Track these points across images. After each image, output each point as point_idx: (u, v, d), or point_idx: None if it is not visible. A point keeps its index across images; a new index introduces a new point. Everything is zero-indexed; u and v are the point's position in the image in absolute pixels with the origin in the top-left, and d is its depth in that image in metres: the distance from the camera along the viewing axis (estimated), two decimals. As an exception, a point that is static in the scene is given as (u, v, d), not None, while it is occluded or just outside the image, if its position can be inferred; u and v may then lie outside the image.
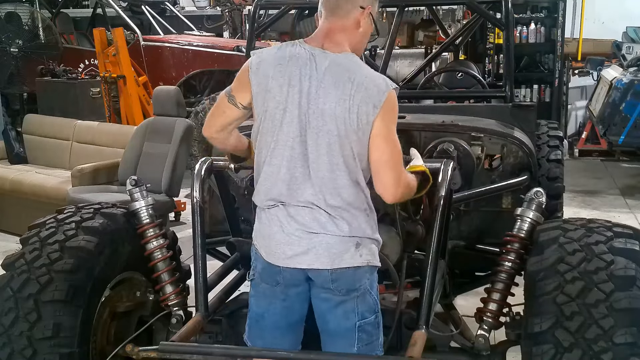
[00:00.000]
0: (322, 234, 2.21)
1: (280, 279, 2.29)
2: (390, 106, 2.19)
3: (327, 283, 2.24)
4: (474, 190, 3.15)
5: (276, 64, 2.23)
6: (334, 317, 2.30)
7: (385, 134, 2.19)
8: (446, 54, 7.14)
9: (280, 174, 2.24)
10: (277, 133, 2.23)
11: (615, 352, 2.05)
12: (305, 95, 2.19)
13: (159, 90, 5.86)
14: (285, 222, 2.24)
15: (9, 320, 2.41)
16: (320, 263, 2.21)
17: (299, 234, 2.22)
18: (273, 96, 2.22)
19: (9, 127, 7.26)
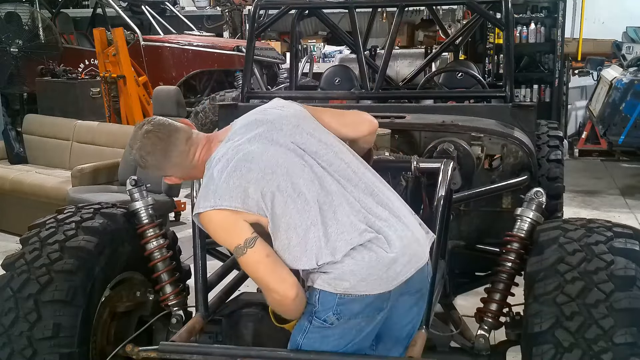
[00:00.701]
0: (411, 231, 2.20)
1: (386, 305, 2.17)
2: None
3: (426, 277, 2.27)
4: (474, 190, 3.15)
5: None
6: (403, 323, 2.31)
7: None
8: (446, 54, 7.14)
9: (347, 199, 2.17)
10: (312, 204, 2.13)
11: (615, 352, 2.05)
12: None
13: (159, 90, 5.87)
14: (384, 242, 2.12)
15: (9, 320, 2.41)
16: (423, 258, 2.22)
17: (400, 245, 2.14)
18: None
19: (9, 127, 7.26)
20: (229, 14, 11.39)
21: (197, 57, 8.74)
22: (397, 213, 2.20)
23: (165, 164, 2.31)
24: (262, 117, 2.32)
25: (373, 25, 5.99)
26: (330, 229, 2.10)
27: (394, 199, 2.27)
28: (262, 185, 2.10)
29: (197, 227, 2.66)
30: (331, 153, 2.23)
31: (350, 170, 2.23)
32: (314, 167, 2.17)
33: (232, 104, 3.92)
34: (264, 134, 2.23)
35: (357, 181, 2.21)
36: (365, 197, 2.19)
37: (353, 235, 2.09)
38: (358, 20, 4.33)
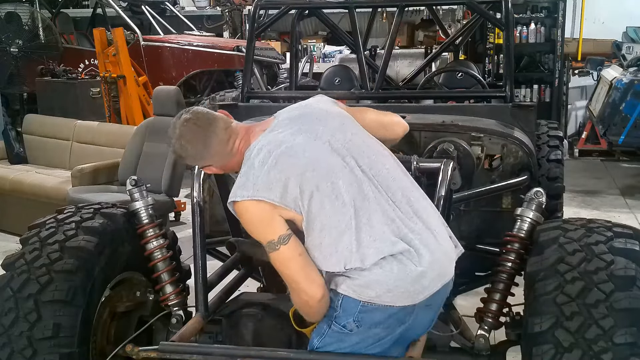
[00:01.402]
0: (442, 245, 2.18)
1: (409, 319, 2.15)
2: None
3: (441, 297, 2.21)
4: (474, 190, 3.15)
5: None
6: (423, 330, 2.31)
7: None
8: (446, 54, 7.14)
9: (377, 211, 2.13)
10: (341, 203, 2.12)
11: (615, 352, 2.05)
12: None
13: (159, 90, 5.86)
14: (415, 255, 2.09)
15: (9, 320, 2.40)
16: (449, 273, 2.20)
17: (430, 259, 2.11)
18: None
19: (9, 127, 7.26)
20: (229, 14, 11.39)
21: (197, 57, 8.74)
22: (430, 225, 2.17)
23: (205, 153, 2.29)
24: (308, 112, 2.30)
25: (373, 25, 6.00)
26: (363, 235, 2.07)
27: (429, 209, 2.24)
28: (302, 181, 2.08)
29: (197, 227, 2.68)
30: (373, 156, 2.21)
31: (390, 177, 2.20)
32: (354, 169, 2.15)
33: (232, 104, 3.92)
34: (308, 129, 2.21)
35: (395, 189, 2.18)
36: (401, 206, 2.15)
37: (385, 244, 2.07)
38: (358, 20, 4.33)
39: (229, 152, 2.28)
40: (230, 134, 2.28)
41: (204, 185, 2.80)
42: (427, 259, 2.10)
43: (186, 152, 2.30)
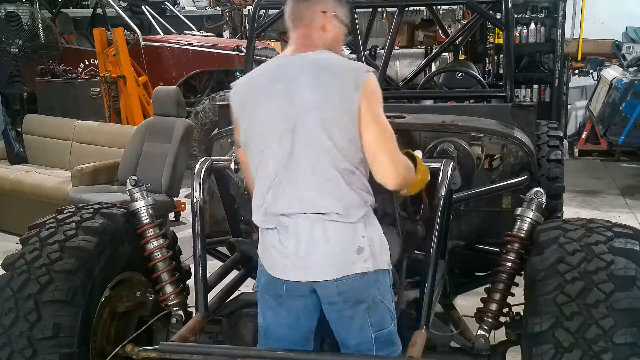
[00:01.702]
0: (320, 243, 2.16)
1: (283, 292, 2.25)
2: (372, 88, 2.17)
3: (332, 296, 2.19)
4: (474, 190, 3.15)
5: (246, 88, 2.30)
6: (347, 334, 2.28)
7: (372, 115, 2.15)
8: (446, 54, 7.14)
9: (266, 184, 2.21)
10: (263, 145, 2.22)
11: (615, 352, 2.05)
12: (283, 97, 2.18)
13: (159, 90, 5.86)
14: (283, 234, 2.20)
15: (9, 320, 2.41)
16: (323, 274, 2.16)
17: (297, 245, 2.17)
18: (248, 114, 2.27)
19: (9, 127, 7.26)
20: (229, 14, 11.38)
21: (197, 57, 8.74)
22: (321, 216, 2.16)
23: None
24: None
25: (373, 25, 5.99)
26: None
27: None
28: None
29: (197, 227, 2.67)
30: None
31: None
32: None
33: (232, 104, 3.91)
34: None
35: (302, 165, 2.18)
36: (293, 185, 2.19)
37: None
38: (358, 20, 4.33)
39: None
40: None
41: (204, 185, 2.80)
42: (287, 243, 2.19)
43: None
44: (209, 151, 3.47)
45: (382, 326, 2.26)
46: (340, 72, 2.17)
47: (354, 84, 2.14)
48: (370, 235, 2.20)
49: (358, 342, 2.27)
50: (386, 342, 2.29)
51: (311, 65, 2.20)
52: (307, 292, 2.24)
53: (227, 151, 3.25)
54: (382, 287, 2.24)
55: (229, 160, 2.84)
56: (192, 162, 6.06)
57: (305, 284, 2.21)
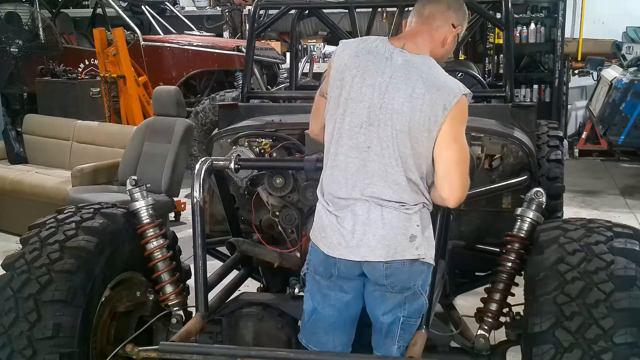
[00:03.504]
0: (375, 226, 2.23)
1: (335, 271, 2.31)
2: (460, 110, 2.24)
3: (381, 278, 2.25)
4: (474, 190, 3.14)
5: (354, 54, 2.30)
6: (380, 313, 2.33)
7: (454, 136, 2.22)
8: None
9: (338, 164, 2.29)
10: (340, 122, 2.28)
11: (615, 352, 2.05)
12: (377, 90, 2.23)
13: (159, 90, 5.86)
14: (341, 215, 2.27)
15: (9, 320, 2.41)
16: (375, 255, 2.23)
17: (353, 226, 2.24)
18: (343, 85, 2.28)
19: (9, 127, 7.26)
20: (229, 14, 11.37)
21: (197, 57, 8.74)
22: (380, 203, 2.24)
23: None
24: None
25: (373, 25, 5.99)
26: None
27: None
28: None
29: (197, 227, 2.67)
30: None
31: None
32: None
33: (232, 104, 3.91)
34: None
35: (373, 157, 2.25)
36: (360, 171, 2.26)
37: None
38: (358, 20, 4.33)
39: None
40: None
41: (204, 185, 2.80)
42: (345, 223, 2.25)
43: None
44: (209, 151, 3.46)
45: (413, 315, 2.32)
46: (436, 87, 2.21)
47: (444, 104, 2.19)
48: (424, 227, 2.28)
49: (388, 321, 2.32)
50: (408, 331, 2.33)
51: (413, 70, 2.23)
52: (357, 275, 2.30)
53: (227, 151, 3.24)
54: (425, 279, 2.32)
55: (229, 160, 2.84)
56: (192, 162, 6.07)
57: (357, 265, 2.26)
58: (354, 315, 2.41)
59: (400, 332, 2.31)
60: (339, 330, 2.41)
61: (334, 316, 2.38)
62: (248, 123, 3.49)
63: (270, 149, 3.12)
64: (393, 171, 2.23)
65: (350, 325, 2.43)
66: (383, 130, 2.22)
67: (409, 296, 2.29)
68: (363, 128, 2.24)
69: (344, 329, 2.42)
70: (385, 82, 2.22)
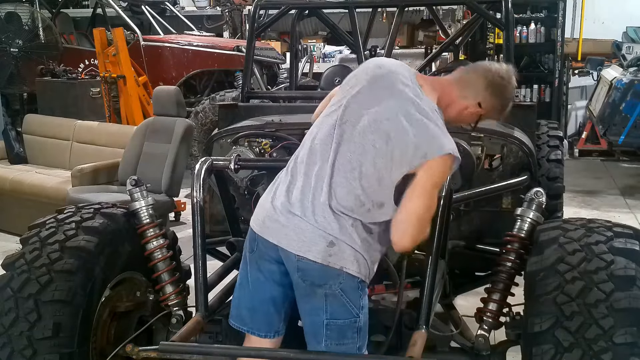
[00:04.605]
0: (298, 216, 2.22)
1: (255, 247, 2.33)
2: (440, 166, 2.20)
3: (293, 269, 2.25)
4: (474, 190, 3.15)
5: (380, 70, 2.36)
6: (304, 311, 2.31)
7: (426, 190, 2.19)
8: (446, 54, 7.14)
9: (310, 144, 2.31)
10: (338, 112, 2.31)
11: (615, 352, 2.05)
12: (378, 104, 2.27)
13: (159, 90, 5.86)
14: (278, 194, 2.29)
15: (9, 320, 2.41)
16: (289, 244, 2.22)
17: (282, 209, 2.25)
18: (358, 83, 2.34)
19: (9, 127, 7.26)
20: (229, 14, 11.38)
21: (197, 57, 8.74)
22: (318, 200, 2.23)
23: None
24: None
25: (373, 25, 5.99)
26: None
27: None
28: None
29: (197, 227, 2.67)
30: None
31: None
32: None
33: (232, 104, 3.92)
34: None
35: (341, 158, 2.26)
36: (324, 160, 2.26)
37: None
38: (358, 20, 4.33)
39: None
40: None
41: (204, 185, 2.80)
42: (277, 203, 2.27)
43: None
44: (209, 151, 3.47)
45: (337, 317, 2.26)
46: (429, 135, 2.21)
47: (426, 152, 2.18)
48: (354, 242, 2.22)
49: (310, 321, 2.30)
50: (338, 332, 2.27)
51: (418, 108, 2.25)
52: (274, 259, 2.29)
53: (227, 151, 3.25)
54: (345, 286, 2.24)
55: (229, 160, 2.84)
56: (192, 162, 6.07)
57: (273, 247, 2.26)
58: (269, 297, 2.36)
59: (326, 332, 2.27)
60: (257, 312, 2.37)
61: (252, 292, 2.37)
62: (248, 123, 3.50)
63: (270, 149, 3.12)
64: (352, 179, 2.22)
65: (266, 311, 2.38)
66: (363, 138, 2.23)
67: (327, 296, 2.23)
68: (347, 125, 2.27)
69: (261, 311, 2.37)
70: (386, 100, 2.26)
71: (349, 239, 2.21)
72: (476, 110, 2.40)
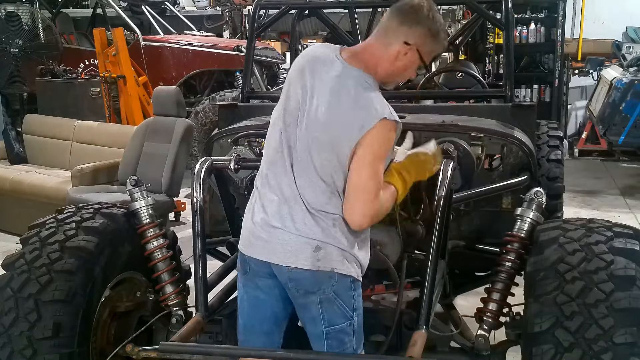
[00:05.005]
0: (279, 229, 2.21)
1: (248, 268, 2.32)
2: (379, 134, 2.13)
3: (285, 281, 2.24)
4: (474, 190, 3.15)
5: (303, 56, 2.33)
6: (304, 318, 2.31)
7: (368, 161, 2.14)
8: (446, 54, 7.14)
9: (269, 157, 2.31)
10: (277, 118, 2.30)
11: (615, 352, 2.05)
12: (307, 93, 2.23)
13: (159, 90, 5.86)
14: (256, 211, 2.29)
15: (9, 320, 2.41)
16: (277, 258, 2.21)
17: (263, 225, 2.25)
18: (289, 83, 2.31)
19: (9, 127, 7.26)
20: (229, 14, 11.37)
21: (197, 57, 8.74)
22: (292, 205, 2.21)
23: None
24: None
25: (373, 25, 5.99)
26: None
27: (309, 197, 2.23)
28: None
29: (197, 227, 2.67)
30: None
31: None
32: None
33: (232, 104, 3.91)
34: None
35: (297, 158, 2.24)
36: (283, 167, 2.25)
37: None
38: (358, 20, 4.33)
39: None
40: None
41: (204, 185, 2.80)
42: (257, 219, 2.26)
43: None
44: (209, 151, 3.47)
45: (334, 323, 2.25)
46: (359, 106, 2.15)
47: (360, 125, 2.13)
48: (338, 240, 2.20)
49: (310, 333, 2.31)
50: (337, 339, 2.27)
51: (342, 81, 2.20)
52: (269, 274, 2.27)
53: (227, 151, 3.24)
54: (338, 287, 2.23)
55: (229, 160, 2.84)
56: (192, 162, 6.08)
57: (265, 264, 2.25)
58: (272, 314, 2.35)
59: (327, 342, 2.26)
60: (259, 329, 2.36)
61: (252, 312, 2.35)
62: (248, 123, 3.49)
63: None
64: (314, 177, 2.20)
65: (270, 325, 2.37)
66: (305, 133, 2.21)
67: (322, 302, 2.22)
68: (291, 127, 2.24)
69: (264, 327, 2.36)
70: (317, 88, 2.21)
71: (334, 240, 2.20)
72: (408, 50, 2.22)
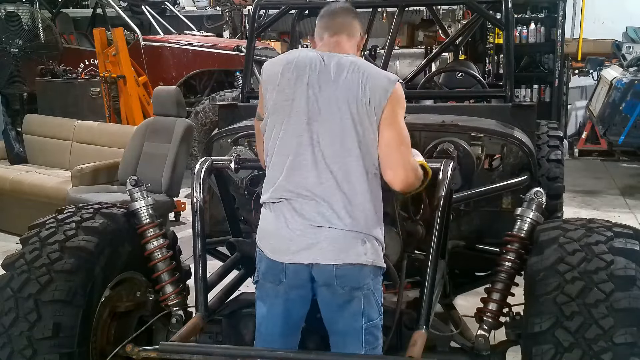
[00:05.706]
0: (326, 227, 2.23)
1: (283, 277, 2.28)
2: (398, 96, 2.28)
3: (331, 279, 2.24)
4: (474, 190, 3.15)
5: (285, 63, 2.33)
6: (341, 318, 2.30)
7: (394, 119, 2.26)
8: (446, 54, 7.13)
9: (287, 163, 2.28)
10: (285, 123, 2.29)
11: (615, 352, 2.05)
12: (312, 87, 2.26)
13: (159, 90, 5.86)
14: (290, 217, 2.27)
15: (9, 320, 2.41)
16: (324, 257, 2.22)
17: (303, 229, 2.24)
18: (282, 89, 2.30)
19: (9, 127, 7.26)
20: (229, 14, 11.37)
21: (197, 57, 8.74)
22: (333, 203, 2.24)
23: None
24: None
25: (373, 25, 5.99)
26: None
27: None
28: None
29: (197, 227, 2.67)
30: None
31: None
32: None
33: (232, 104, 3.91)
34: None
35: (325, 150, 2.27)
36: (312, 168, 2.26)
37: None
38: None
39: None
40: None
41: (204, 185, 2.80)
42: (294, 225, 2.25)
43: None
44: (209, 151, 3.47)
45: (371, 318, 2.30)
46: (372, 76, 2.27)
47: (385, 88, 2.25)
48: (377, 231, 2.28)
49: (347, 329, 2.30)
50: (373, 335, 2.31)
51: (345, 64, 2.29)
52: (306, 279, 2.28)
53: (227, 151, 3.24)
54: (375, 281, 2.30)
55: (229, 160, 2.84)
56: (192, 162, 6.07)
57: (306, 268, 2.25)
58: (299, 320, 2.39)
59: (365, 337, 2.29)
60: (285, 334, 2.38)
61: (282, 324, 2.35)
62: (248, 123, 3.49)
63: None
64: (350, 161, 2.24)
65: (295, 330, 2.41)
66: (330, 123, 2.25)
67: (365, 297, 2.26)
68: (307, 125, 2.27)
69: (289, 332, 2.39)
70: (324, 79, 2.27)
71: (374, 230, 2.27)
72: (361, 41, 2.46)
